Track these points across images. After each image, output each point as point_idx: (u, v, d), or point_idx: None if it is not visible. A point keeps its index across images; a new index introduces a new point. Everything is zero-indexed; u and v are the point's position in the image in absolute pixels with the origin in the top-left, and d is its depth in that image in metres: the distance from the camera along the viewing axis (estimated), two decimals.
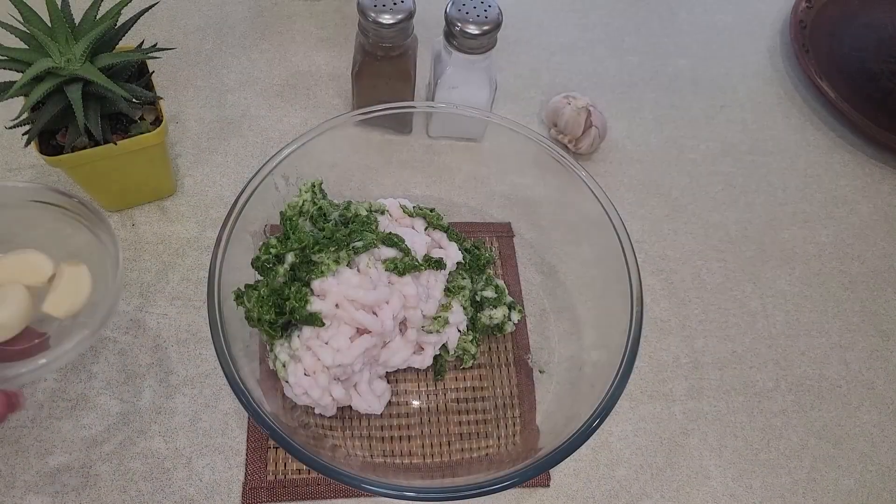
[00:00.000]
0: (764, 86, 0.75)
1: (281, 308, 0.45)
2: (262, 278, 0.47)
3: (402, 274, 0.47)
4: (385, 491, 0.39)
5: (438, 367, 0.52)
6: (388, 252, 0.47)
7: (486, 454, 0.49)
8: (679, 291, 0.60)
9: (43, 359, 0.37)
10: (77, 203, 0.43)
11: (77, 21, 0.48)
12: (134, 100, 0.50)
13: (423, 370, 0.52)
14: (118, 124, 0.51)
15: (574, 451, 0.41)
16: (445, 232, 0.54)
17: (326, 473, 0.39)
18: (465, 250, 0.54)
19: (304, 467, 0.48)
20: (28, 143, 0.48)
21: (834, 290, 0.62)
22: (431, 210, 0.54)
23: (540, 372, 0.53)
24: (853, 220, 0.66)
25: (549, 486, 0.50)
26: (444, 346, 0.51)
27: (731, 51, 0.77)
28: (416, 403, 0.51)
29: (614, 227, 0.49)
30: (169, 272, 0.55)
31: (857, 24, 0.80)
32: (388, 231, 0.49)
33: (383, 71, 0.58)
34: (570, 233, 0.57)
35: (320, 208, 0.49)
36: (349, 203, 0.51)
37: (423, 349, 0.50)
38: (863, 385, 0.57)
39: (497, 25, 0.55)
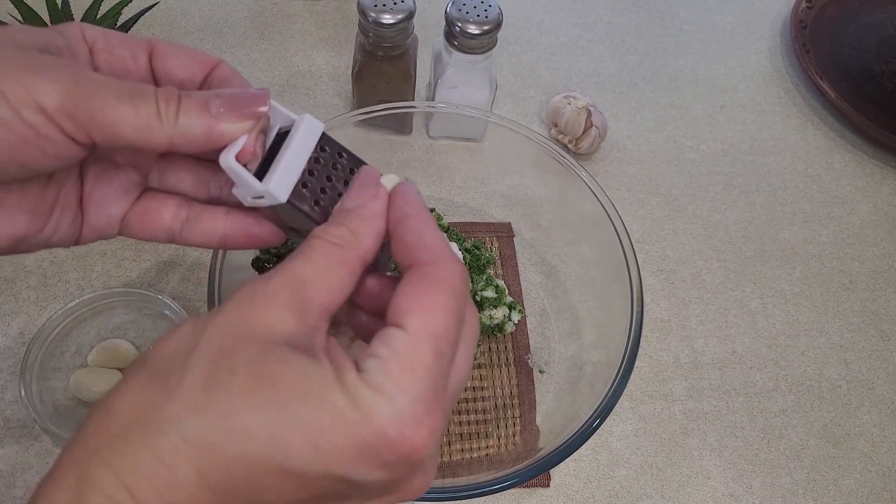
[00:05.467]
0: (764, 86, 0.75)
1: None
2: None
3: None
4: None
5: None
6: None
7: (487, 454, 0.49)
8: (679, 291, 0.60)
9: None
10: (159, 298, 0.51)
11: (76, 21, 0.48)
12: None
13: None
14: None
15: (574, 451, 0.41)
16: (445, 232, 0.54)
17: None
18: (466, 250, 0.54)
19: None
20: None
21: (834, 290, 0.62)
22: (431, 210, 0.54)
23: (540, 372, 0.53)
24: (853, 220, 0.66)
25: (549, 486, 0.50)
26: None
27: (731, 51, 0.77)
28: None
29: (614, 227, 0.49)
30: (169, 272, 0.55)
31: (857, 23, 0.80)
32: None
33: (383, 71, 0.58)
34: (571, 233, 0.57)
35: None
36: None
37: None
38: (863, 385, 0.57)
39: (497, 25, 0.55)
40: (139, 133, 0.25)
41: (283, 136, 0.28)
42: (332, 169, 0.28)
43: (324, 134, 0.28)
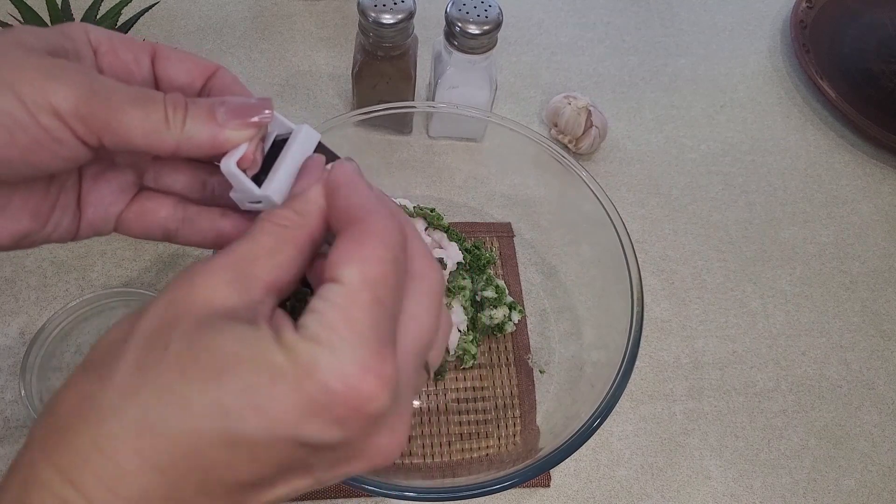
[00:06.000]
0: (764, 86, 0.75)
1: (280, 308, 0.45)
2: None
3: None
4: (385, 491, 0.39)
5: (439, 367, 0.52)
6: None
7: (487, 454, 0.49)
8: (679, 291, 0.60)
9: None
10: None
11: (77, 21, 0.48)
12: None
13: None
14: None
15: (574, 451, 0.41)
16: (445, 232, 0.54)
17: None
18: (466, 250, 0.54)
19: None
20: None
21: (834, 290, 0.62)
22: (431, 210, 0.54)
23: (540, 372, 0.53)
24: (853, 220, 0.66)
25: (549, 486, 0.50)
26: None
27: (731, 51, 0.77)
28: (416, 403, 0.51)
29: (614, 226, 0.49)
30: (169, 272, 0.55)
31: (857, 23, 0.80)
32: None
33: (383, 71, 0.58)
34: (571, 233, 0.57)
35: None
36: None
37: None
38: (863, 385, 0.57)
39: (497, 25, 0.55)
40: (147, 138, 0.25)
41: (279, 142, 0.29)
42: None
43: (320, 143, 0.29)
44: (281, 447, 0.20)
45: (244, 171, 0.28)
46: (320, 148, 0.29)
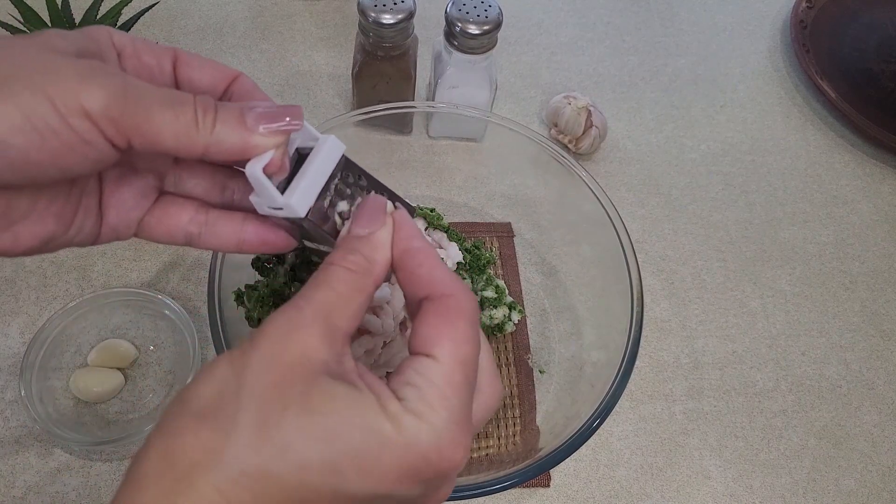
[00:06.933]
0: (764, 86, 0.75)
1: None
2: (262, 278, 0.47)
3: None
4: None
5: None
6: None
7: (487, 454, 0.49)
8: (679, 291, 0.60)
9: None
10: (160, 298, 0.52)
11: (77, 21, 0.48)
12: None
13: None
14: None
15: (574, 451, 0.41)
16: (445, 232, 0.54)
17: None
18: (466, 250, 0.54)
19: None
20: None
21: (834, 290, 0.62)
22: (431, 210, 0.54)
23: (540, 372, 0.53)
24: (853, 220, 0.66)
25: (549, 486, 0.50)
26: None
27: (731, 51, 0.77)
28: None
29: (614, 226, 0.49)
30: (169, 272, 0.55)
31: (857, 23, 0.80)
32: None
33: (383, 71, 0.58)
34: (571, 233, 0.57)
35: None
36: None
37: None
38: (863, 385, 0.57)
39: (497, 25, 0.55)
40: (177, 140, 0.25)
41: (302, 150, 0.29)
42: (347, 188, 0.30)
43: (344, 155, 0.29)
44: (374, 500, 0.23)
45: (269, 176, 0.28)
46: (344, 160, 0.29)
